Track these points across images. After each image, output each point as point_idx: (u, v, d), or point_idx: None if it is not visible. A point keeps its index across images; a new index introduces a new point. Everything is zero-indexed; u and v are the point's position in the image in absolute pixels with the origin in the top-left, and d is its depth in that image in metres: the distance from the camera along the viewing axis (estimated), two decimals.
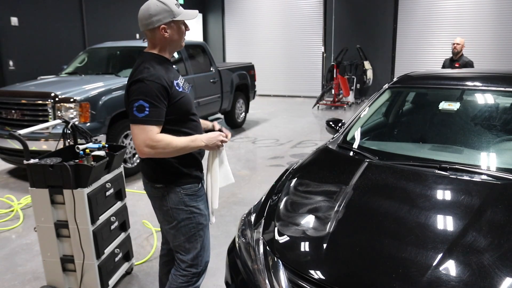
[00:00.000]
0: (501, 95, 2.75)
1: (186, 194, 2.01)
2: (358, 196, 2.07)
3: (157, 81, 1.81)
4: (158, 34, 1.90)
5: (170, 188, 1.99)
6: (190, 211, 2.03)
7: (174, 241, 2.09)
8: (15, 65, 8.35)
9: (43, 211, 2.51)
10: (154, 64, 1.87)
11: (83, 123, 4.64)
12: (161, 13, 1.87)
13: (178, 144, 1.86)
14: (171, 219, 2.03)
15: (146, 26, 1.89)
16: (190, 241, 2.06)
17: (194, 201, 2.04)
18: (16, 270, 3.15)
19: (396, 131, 3.20)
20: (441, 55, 11.17)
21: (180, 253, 2.10)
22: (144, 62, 1.87)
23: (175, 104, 1.88)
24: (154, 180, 2.01)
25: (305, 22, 12.80)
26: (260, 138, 7.48)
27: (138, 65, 1.88)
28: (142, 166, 2.08)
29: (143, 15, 1.88)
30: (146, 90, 1.79)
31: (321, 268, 1.66)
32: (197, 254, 2.09)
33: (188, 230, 2.05)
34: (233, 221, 3.86)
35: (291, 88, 13.15)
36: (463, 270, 1.50)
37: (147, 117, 1.79)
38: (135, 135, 1.81)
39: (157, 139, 1.80)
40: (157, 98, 1.80)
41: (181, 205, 2.01)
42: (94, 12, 9.98)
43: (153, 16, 1.86)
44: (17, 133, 2.53)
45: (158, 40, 1.92)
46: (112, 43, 6.70)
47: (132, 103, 1.81)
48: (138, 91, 1.80)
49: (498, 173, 2.14)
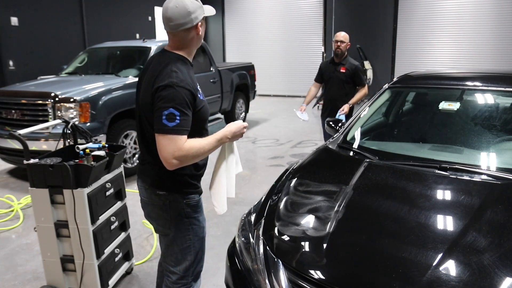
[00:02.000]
0: (501, 95, 2.75)
1: (189, 205, 1.89)
2: (358, 196, 2.07)
3: (187, 87, 1.69)
4: (192, 33, 1.79)
5: (173, 197, 1.86)
6: (190, 222, 1.92)
7: (166, 252, 1.98)
8: (15, 65, 8.35)
9: (43, 211, 2.51)
10: (181, 67, 1.74)
11: (83, 123, 4.64)
12: (198, 10, 1.77)
13: (206, 148, 1.75)
14: (168, 230, 1.92)
15: (184, 25, 1.74)
16: (183, 253, 1.95)
17: (195, 213, 1.93)
18: (16, 270, 3.15)
19: (396, 131, 3.20)
20: (441, 55, 11.20)
21: (169, 264, 1.99)
22: (170, 64, 1.73)
23: (197, 112, 1.77)
24: (157, 186, 1.86)
25: (305, 22, 12.80)
26: (260, 138, 7.48)
27: (164, 67, 1.72)
28: (144, 170, 1.92)
29: (181, 13, 1.72)
30: (176, 97, 1.65)
31: (321, 268, 1.66)
32: (188, 266, 1.98)
33: (184, 242, 1.93)
34: (233, 221, 3.86)
35: (291, 88, 13.14)
36: (463, 270, 1.50)
37: (178, 126, 1.65)
38: (164, 146, 1.66)
39: (186, 149, 1.67)
40: (187, 106, 1.68)
41: (182, 217, 1.89)
42: (94, 12, 9.98)
43: (191, 13, 1.74)
44: (17, 133, 2.53)
45: (189, 40, 1.80)
46: (112, 43, 6.70)
47: (160, 110, 1.65)
48: (168, 97, 1.65)
49: (498, 173, 2.14)
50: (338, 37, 4.51)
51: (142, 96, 1.81)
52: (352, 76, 4.51)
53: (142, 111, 1.81)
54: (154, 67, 1.78)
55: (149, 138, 1.81)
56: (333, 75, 4.60)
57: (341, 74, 4.54)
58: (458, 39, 10.96)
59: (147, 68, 1.85)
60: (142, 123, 1.84)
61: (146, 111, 1.77)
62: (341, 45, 4.47)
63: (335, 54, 4.56)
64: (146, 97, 1.76)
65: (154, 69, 1.76)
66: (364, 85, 4.59)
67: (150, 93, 1.73)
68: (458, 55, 11.00)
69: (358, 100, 4.53)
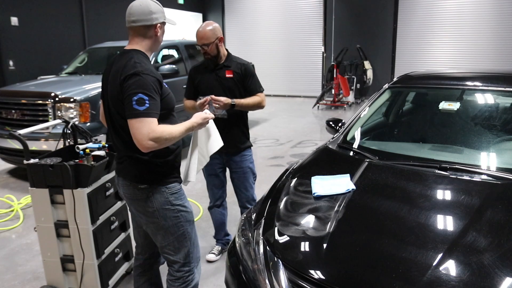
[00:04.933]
0: (501, 95, 2.75)
1: (171, 193, 2.01)
2: (358, 196, 2.07)
3: (152, 74, 1.83)
4: (151, 32, 1.95)
5: (154, 189, 1.98)
6: (177, 209, 2.03)
7: (163, 242, 2.07)
8: (15, 65, 8.35)
9: (43, 211, 2.51)
10: (143, 59, 1.89)
11: (83, 123, 4.64)
12: (159, 12, 1.96)
13: (177, 133, 1.87)
14: (158, 220, 2.01)
15: (144, 21, 1.91)
16: (180, 239, 2.06)
17: (179, 200, 2.04)
18: (16, 270, 3.15)
19: (396, 131, 3.20)
20: (441, 55, 11.21)
21: (169, 254, 2.09)
22: (133, 58, 1.87)
23: (163, 100, 1.90)
24: (138, 181, 1.97)
25: (305, 22, 12.80)
26: (260, 138, 7.48)
27: (127, 61, 1.86)
28: (123, 168, 2.03)
29: (143, 10, 1.90)
30: (143, 83, 1.78)
31: (321, 268, 1.66)
32: (188, 252, 2.09)
33: (177, 229, 2.04)
34: (233, 221, 3.86)
35: (291, 88, 13.15)
36: (463, 270, 1.50)
37: (148, 109, 1.77)
38: (137, 129, 1.76)
39: (160, 131, 1.78)
40: (154, 91, 1.81)
41: (168, 205, 2.00)
42: (94, 12, 9.98)
43: (153, 13, 1.93)
44: (17, 133, 2.53)
45: (148, 38, 1.96)
46: (112, 43, 6.71)
47: (130, 97, 1.77)
48: (135, 84, 1.78)
49: (498, 173, 2.14)
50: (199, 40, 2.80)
51: (110, 92, 1.91)
52: (243, 80, 2.90)
53: (113, 106, 1.91)
54: (117, 63, 1.90)
55: (123, 132, 1.90)
56: (215, 84, 2.88)
57: (226, 81, 2.88)
58: (458, 39, 10.97)
59: (111, 67, 1.96)
60: (114, 119, 1.94)
61: (116, 104, 1.88)
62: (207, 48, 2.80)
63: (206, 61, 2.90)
64: (113, 90, 1.88)
65: (118, 65, 1.88)
66: (261, 91, 2.96)
67: (117, 84, 1.84)
68: (458, 55, 11.00)
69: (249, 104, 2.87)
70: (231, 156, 2.99)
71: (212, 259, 3.19)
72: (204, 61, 2.94)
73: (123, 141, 1.94)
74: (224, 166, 3.08)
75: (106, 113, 2.00)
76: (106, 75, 1.98)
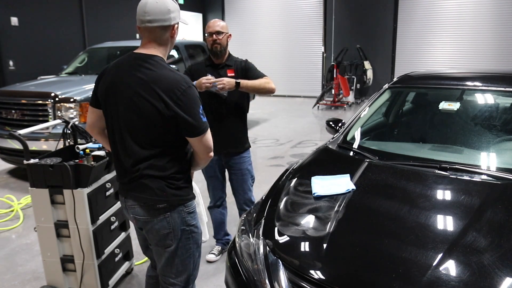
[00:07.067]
0: (501, 95, 2.75)
1: (188, 212, 1.84)
2: (358, 196, 2.07)
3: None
4: (168, 33, 1.76)
5: (173, 207, 1.78)
6: (191, 230, 1.86)
7: (167, 264, 1.88)
8: (15, 65, 8.35)
9: (43, 211, 2.51)
10: (172, 67, 1.77)
11: (83, 123, 4.64)
12: (176, 12, 1.76)
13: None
14: (170, 242, 1.83)
15: (162, 21, 1.70)
16: (184, 263, 1.89)
17: (193, 220, 1.88)
18: (16, 270, 3.15)
19: (396, 131, 3.20)
20: (441, 55, 11.21)
21: (170, 276, 1.91)
22: (167, 67, 1.72)
23: None
24: (156, 200, 1.75)
25: (305, 22, 12.80)
26: (260, 138, 7.48)
27: (166, 71, 1.69)
28: (135, 187, 1.76)
29: (161, 9, 1.68)
30: (197, 94, 1.72)
31: (321, 268, 1.66)
32: (189, 275, 1.94)
33: (185, 252, 1.87)
34: (233, 221, 3.86)
35: (291, 88, 13.14)
36: (463, 270, 1.50)
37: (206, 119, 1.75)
38: (209, 141, 1.71)
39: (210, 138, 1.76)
40: None
41: (184, 225, 1.83)
42: (94, 12, 9.98)
43: (171, 12, 1.72)
44: (17, 133, 2.53)
45: (165, 40, 1.76)
46: (112, 43, 6.71)
47: (196, 109, 1.68)
48: (194, 96, 1.69)
49: (498, 173, 2.14)
50: (213, 27, 2.80)
51: (137, 104, 1.67)
52: (245, 75, 2.87)
53: (142, 119, 1.68)
54: (142, 72, 1.68)
55: (152, 147, 1.71)
56: None
57: None
58: (458, 39, 10.97)
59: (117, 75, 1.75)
60: (135, 135, 1.71)
61: (152, 118, 1.66)
62: (219, 37, 2.79)
63: (213, 52, 2.84)
64: (147, 104, 1.65)
65: (149, 76, 1.66)
66: (266, 76, 2.90)
67: (162, 98, 1.63)
68: (458, 55, 11.00)
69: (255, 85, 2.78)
70: (231, 157, 3.00)
71: (212, 259, 3.19)
72: (205, 59, 2.96)
73: (143, 157, 1.72)
74: (223, 167, 3.09)
75: (116, 127, 1.76)
76: (118, 83, 1.73)
